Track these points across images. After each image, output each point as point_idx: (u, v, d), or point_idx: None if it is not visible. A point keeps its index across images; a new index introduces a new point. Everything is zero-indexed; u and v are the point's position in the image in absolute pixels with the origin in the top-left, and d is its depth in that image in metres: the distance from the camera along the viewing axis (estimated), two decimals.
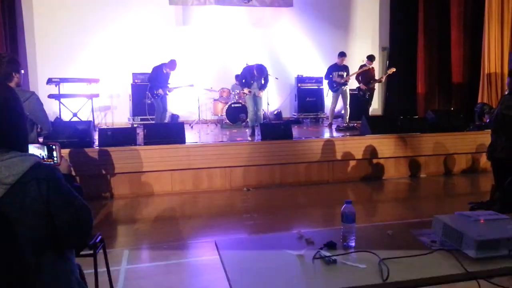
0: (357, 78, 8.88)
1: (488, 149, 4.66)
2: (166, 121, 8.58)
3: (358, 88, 8.88)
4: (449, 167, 7.11)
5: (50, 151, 1.85)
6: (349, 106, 8.81)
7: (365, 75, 8.80)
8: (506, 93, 4.59)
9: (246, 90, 7.78)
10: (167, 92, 8.21)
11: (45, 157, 1.84)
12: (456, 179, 6.85)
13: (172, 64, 8.06)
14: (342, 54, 8.79)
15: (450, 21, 9.75)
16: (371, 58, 8.77)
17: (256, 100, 7.81)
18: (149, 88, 8.18)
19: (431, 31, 10.28)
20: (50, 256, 1.43)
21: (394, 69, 8.66)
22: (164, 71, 8.05)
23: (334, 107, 9.03)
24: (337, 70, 8.73)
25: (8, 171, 1.35)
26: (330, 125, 8.96)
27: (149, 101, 8.45)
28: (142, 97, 9.24)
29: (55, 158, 1.85)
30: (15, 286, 1.39)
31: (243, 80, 7.91)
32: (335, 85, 8.73)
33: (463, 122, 7.45)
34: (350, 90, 9.01)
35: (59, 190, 1.43)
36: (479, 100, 9.09)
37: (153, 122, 8.32)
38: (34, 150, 1.83)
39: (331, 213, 5.04)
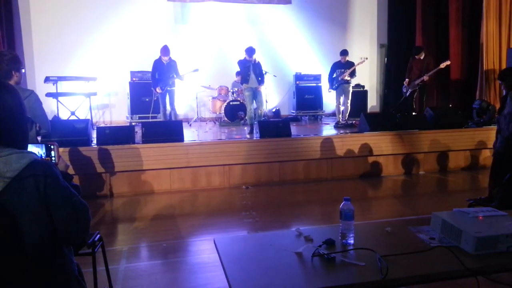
0: (408, 73, 8.59)
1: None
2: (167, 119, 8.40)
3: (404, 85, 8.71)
4: (448, 164, 7.12)
5: (48, 150, 1.85)
6: (350, 104, 8.74)
7: (415, 69, 8.45)
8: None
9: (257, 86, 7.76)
10: (168, 85, 8.04)
11: (43, 156, 1.84)
12: (455, 176, 6.86)
13: (163, 51, 7.87)
14: (343, 53, 8.64)
15: (448, 18, 9.74)
16: (418, 50, 8.52)
17: (256, 96, 7.79)
18: (152, 86, 8.15)
19: (429, 28, 10.27)
20: (49, 252, 1.44)
21: (448, 62, 8.33)
22: (164, 62, 7.94)
23: (339, 105, 8.87)
24: (340, 67, 8.63)
25: (6, 167, 1.37)
26: (337, 123, 8.80)
27: (155, 98, 8.39)
28: (140, 95, 9.24)
29: (53, 158, 1.85)
30: (14, 281, 1.39)
31: (241, 75, 7.90)
32: (335, 83, 8.67)
33: (462, 119, 7.46)
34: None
35: (56, 187, 1.44)
36: (477, 97, 9.10)
37: (150, 120, 8.27)
38: (33, 149, 1.83)
39: (330, 211, 5.04)
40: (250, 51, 7.69)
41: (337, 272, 1.66)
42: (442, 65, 8.20)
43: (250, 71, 7.71)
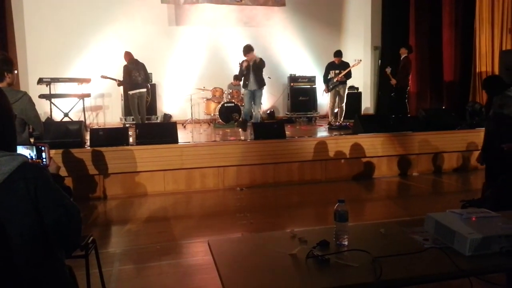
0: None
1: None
2: (145, 121, 8.48)
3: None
4: (441, 165, 7.16)
5: (39, 152, 1.84)
6: (344, 106, 8.76)
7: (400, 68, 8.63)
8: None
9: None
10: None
11: (34, 158, 1.83)
12: (448, 177, 6.89)
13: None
14: (337, 54, 8.67)
15: (441, 21, 9.82)
16: (408, 47, 8.64)
17: (255, 99, 7.76)
18: None
19: (422, 31, 10.33)
20: (40, 255, 1.43)
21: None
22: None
23: (333, 106, 8.88)
24: (334, 68, 8.64)
25: None
26: (329, 124, 8.84)
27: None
28: None
29: (44, 159, 1.83)
30: (5, 284, 1.38)
31: (242, 79, 7.84)
32: (330, 85, 8.68)
33: (455, 121, 7.51)
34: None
35: (47, 189, 1.42)
36: (470, 99, 9.18)
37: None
38: (23, 151, 1.82)
39: (324, 212, 5.04)
40: (243, 49, 7.59)
41: (331, 274, 1.66)
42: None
43: (249, 74, 7.63)
